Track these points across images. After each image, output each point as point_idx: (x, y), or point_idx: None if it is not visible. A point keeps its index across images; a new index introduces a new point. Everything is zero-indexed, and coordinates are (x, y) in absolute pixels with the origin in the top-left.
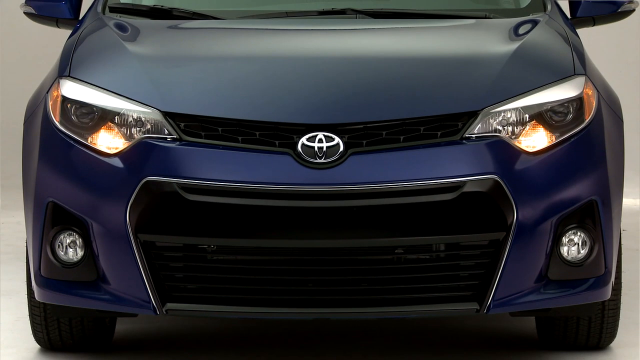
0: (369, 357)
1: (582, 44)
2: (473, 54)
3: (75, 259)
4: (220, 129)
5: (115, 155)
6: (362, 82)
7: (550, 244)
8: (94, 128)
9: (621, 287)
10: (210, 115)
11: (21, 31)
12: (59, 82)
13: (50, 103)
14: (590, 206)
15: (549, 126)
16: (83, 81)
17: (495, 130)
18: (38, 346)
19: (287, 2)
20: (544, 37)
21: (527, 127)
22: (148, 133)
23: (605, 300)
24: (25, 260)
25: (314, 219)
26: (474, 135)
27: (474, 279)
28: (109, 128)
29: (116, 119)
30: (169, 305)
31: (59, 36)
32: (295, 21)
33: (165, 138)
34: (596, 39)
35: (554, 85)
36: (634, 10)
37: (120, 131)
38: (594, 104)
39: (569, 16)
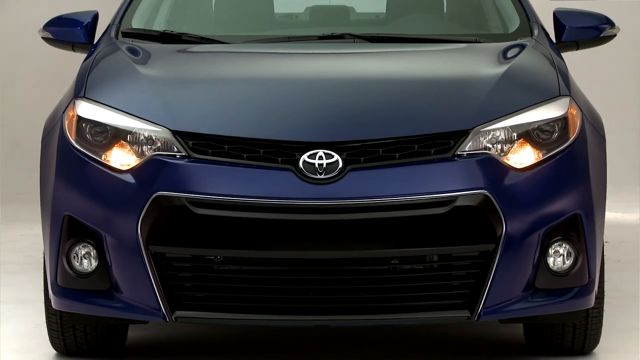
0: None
1: (566, 67)
2: (464, 76)
3: (90, 269)
4: (226, 146)
5: (127, 171)
6: (359, 103)
7: (537, 255)
8: (108, 146)
9: (604, 295)
10: (217, 134)
11: (38, 54)
12: (74, 103)
13: (66, 122)
14: (574, 219)
15: (536, 144)
16: (97, 102)
17: (485, 148)
18: (54, 351)
19: (289, 27)
20: (530, 60)
21: (515, 145)
22: (158, 150)
23: (589, 308)
24: (42, 271)
25: (314, 231)
26: (465, 153)
27: (465, 288)
28: (122, 146)
29: (128, 137)
30: (178, 313)
31: (74, 59)
32: (297, 45)
33: (175, 155)
34: (580, 62)
35: (540, 106)
36: (615, 35)
37: (132, 149)
38: (578, 123)
39: (554, 41)
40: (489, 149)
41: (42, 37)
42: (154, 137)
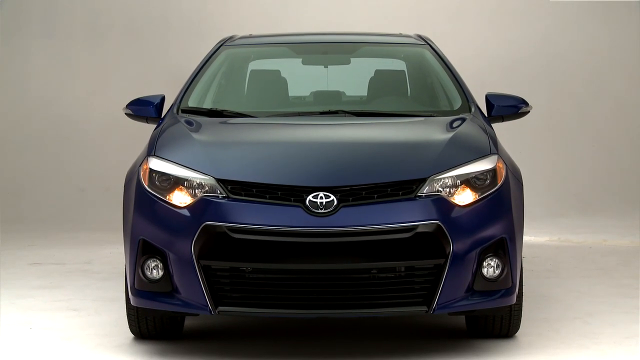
0: (352, 341)
1: (495, 133)
2: (423, 140)
3: (158, 277)
4: (254, 189)
5: (184, 207)
6: (349, 159)
7: (475, 266)
8: (171, 189)
9: (522, 295)
10: (248, 181)
11: (122, 125)
12: (147, 159)
13: (141, 173)
14: (501, 241)
15: (474, 188)
16: (164, 158)
17: (438, 191)
18: (132, 335)
19: (299, 105)
20: (469, 129)
21: (459, 188)
22: (206, 193)
23: (512, 304)
24: (124, 278)
25: (316, 249)
26: (423, 194)
27: (424, 290)
28: (180, 189)
29: (185, 183)
30: (220, 308)
31: (147, 128)
32: (304, 118)
33: (218, 196)
34: (505, 130)
35: (476, 161)
36: (529, 111)
37: (187, 191)
38: (503, 173)
39: (486, 115)
40: (440, 191)
41: (125, 113)
42: (203, 183)
